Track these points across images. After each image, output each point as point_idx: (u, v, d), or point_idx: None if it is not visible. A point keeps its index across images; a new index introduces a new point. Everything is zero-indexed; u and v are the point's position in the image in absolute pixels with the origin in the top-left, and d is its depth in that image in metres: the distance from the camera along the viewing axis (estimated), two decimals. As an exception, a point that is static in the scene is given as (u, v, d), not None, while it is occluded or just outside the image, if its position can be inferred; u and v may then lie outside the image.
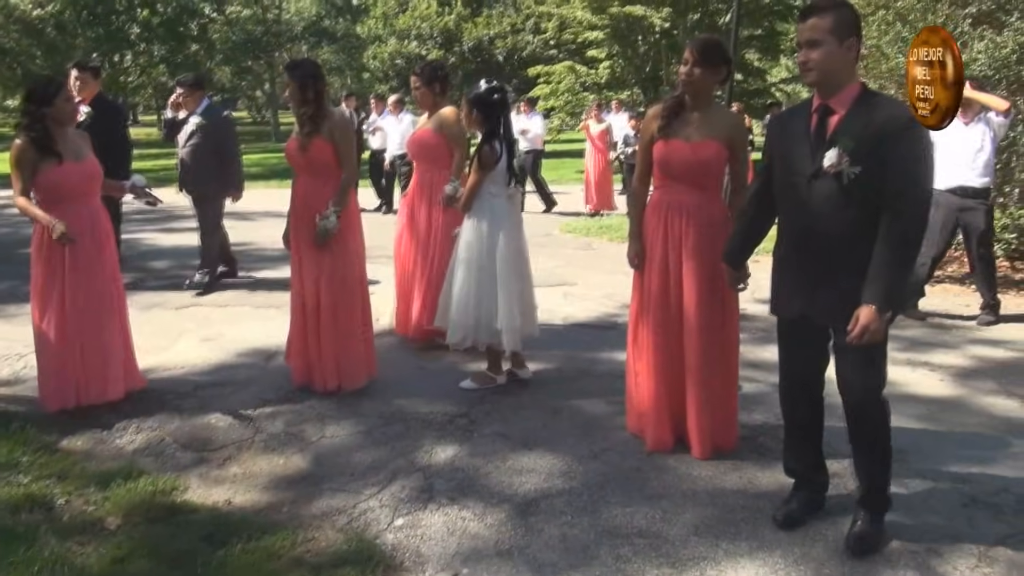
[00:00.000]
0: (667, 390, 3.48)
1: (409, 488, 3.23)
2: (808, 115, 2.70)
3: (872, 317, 2.52)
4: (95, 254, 3.92)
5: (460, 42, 25.44)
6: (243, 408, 4.06)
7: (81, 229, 3.83)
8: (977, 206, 5.59)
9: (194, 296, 6.33)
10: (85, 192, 3.92)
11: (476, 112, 4.08)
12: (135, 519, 2.99)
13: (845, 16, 2.56)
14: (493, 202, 4.11)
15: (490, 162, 4.03)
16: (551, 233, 9.75)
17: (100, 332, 3.95)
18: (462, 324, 4.10)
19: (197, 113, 6.27)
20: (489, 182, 4.08)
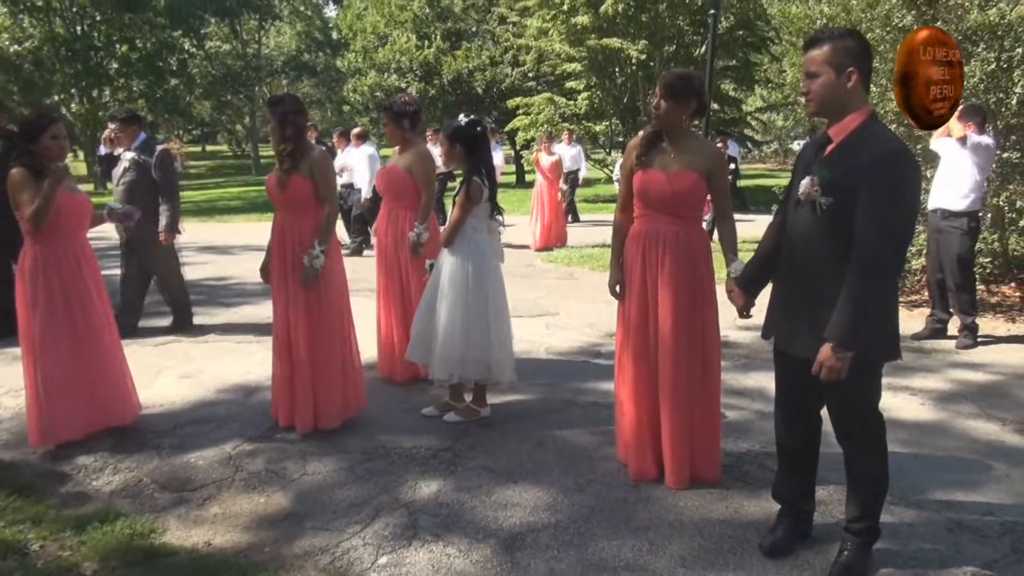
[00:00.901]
0: (648, 419, 3.48)
1: (393, 525, 3.18)
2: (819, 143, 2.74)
3: (827, 354, 2.53)
4: (89, 284, 3.99)
5: (440, 75, 25.60)
6: (223, 446, 3.99)
7: (75, 259, 3.94)
8: (950, 229, 5.68)
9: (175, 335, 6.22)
10: (78, 224, 4.03)
11: (459, 147, 4.09)
12: (112, 563, 2.92)
13: (843, 46, 2.56)
14: (476, 236, 4.13)
15: (478, 196, 4.05)
16: (533, 264, 9.78)
17: (101, 361, 4.03)
18: (448, 359, 4.09)
19: (131, 148, 5.95)
20: (471, 216, 4.10)
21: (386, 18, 27.70)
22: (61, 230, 3.91)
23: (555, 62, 20.25)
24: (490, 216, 4.19)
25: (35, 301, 3.84)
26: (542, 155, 11.72)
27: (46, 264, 3.86)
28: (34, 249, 3.88)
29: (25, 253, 3.90)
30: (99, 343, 4.01)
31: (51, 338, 3.85)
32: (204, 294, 7.89)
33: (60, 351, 3.87)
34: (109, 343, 4.08)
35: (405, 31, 26.70)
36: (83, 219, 4.05)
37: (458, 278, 4.08)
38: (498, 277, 4.21)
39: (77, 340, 3.92)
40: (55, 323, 3.86)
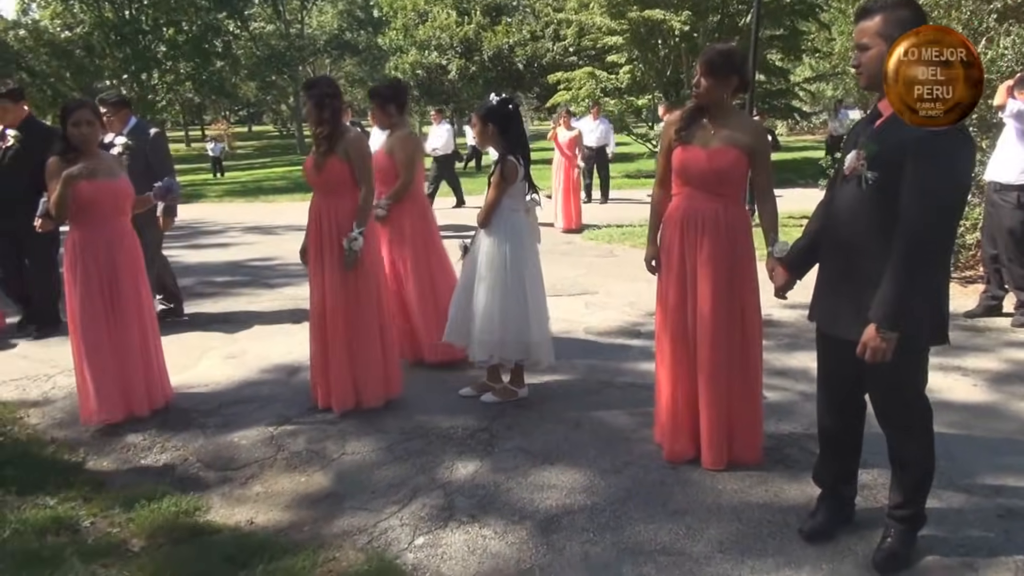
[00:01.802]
0: (686, 399, 3.44)
1: (430, 506, 3.21)
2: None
3: (871, 335, 2.45)
4: (127, 270, 4.05)
5: (480, 51, 25.52)
6: (266, 426, 4.07)
7: (109, 245, 3.99)
8: (1002, 202, 5.48)
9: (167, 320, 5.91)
10: (117, 209, 4.06)
11: (492, 126, 4.07)
12: (159, 540, 3.01)
13: (896, 17, 2.45)
14: (512, 217, 4.09)
15: (513, 176, 4.01)
16: (572, 241, 9.72)
17: (138, 344, 4.09)
18: (487, 342, 4.09)
19: (123, 133, 5.66)
20: (507, 196, 4.06)
21: (426, -6, 27.63)
22: (96, 217, 3.97)
23: (596, 35, 19.99)
24: (526, 195, 4.15)
25: (74, 285, 3.95)
26: (560, 130, 11.13)
27: (83, 249, 3.95)
28: (72, 234, 3.99)
29: (67, 237, 4.02)
30: (130, 328, 4.05)
31: (87, 321, 3.95)
32: (249, 275, 8.04)
33: (97, 334, 3.96)
34: (141, 329, 4.11)
35: (445, 7, 26.61)
36: (121, 204, 4.10)
37: (495, 259, 4.06)
38: (535, 258, 4.18)
39: (111, 324, 3.99)
40: (91, 307, 3.95)
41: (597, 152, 13.58)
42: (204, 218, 13.24)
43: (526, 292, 4.06)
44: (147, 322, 4.18)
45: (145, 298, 4.19)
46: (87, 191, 3.90)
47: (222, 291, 7.33)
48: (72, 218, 3.98)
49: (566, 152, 10.87)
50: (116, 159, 4.18)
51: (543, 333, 4.16)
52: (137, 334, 4.09)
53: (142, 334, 4.13)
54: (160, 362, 4.32)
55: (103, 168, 4.00)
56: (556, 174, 10.91)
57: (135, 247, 4.15)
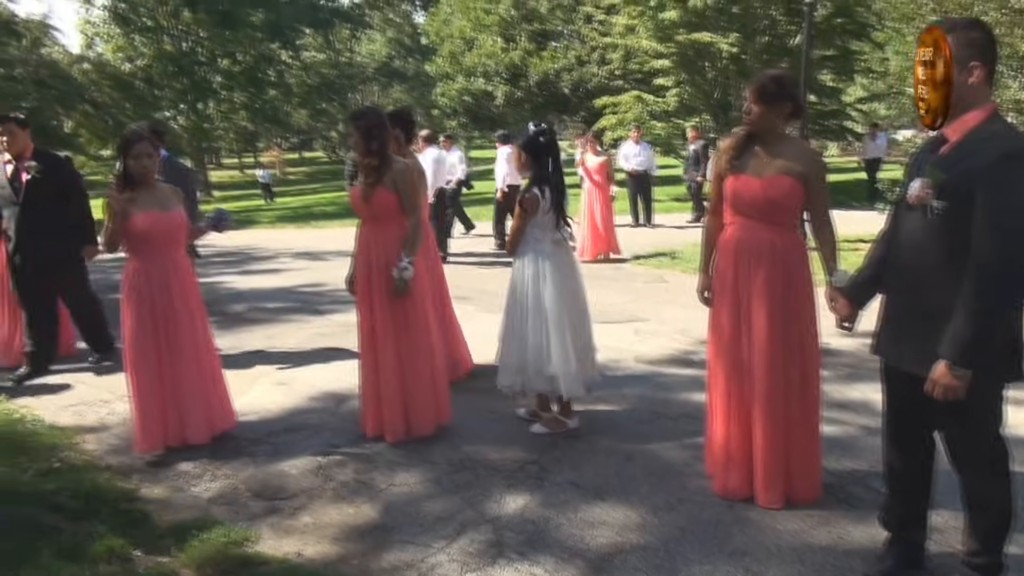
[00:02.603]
0: (740, 432, 3.32)
1: (478, 541, 3.15)
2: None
3: (942, 373, 2.33)
4: (181, 299, 4.10)
5: (526, 76, 25.70)
6: (314, 455, 4.07)
7: (163, 276, 4.05)
8: None
9: None
10: (171, 240, 4.13)
11: (525, 155, 4.07)
12: (208, 572, 3.00)
13: (968, 38, 2.35)
14: (538, 247, 4.08)
15: (532, 208, 3.99)
16: (621, 266, 9.61)
17: (193, 374, 4.13)
18: (507, 366, 4.13)
19: None
20: (533, 226, 4.05)
21: (473, 22, 27.99)
22: (150, 247, 4.05)
23: (643, 59, 19.97)
24: (556, 227, 4.10)
25: (129, 314, 4.03)
26: (588, 156, 10.49)
27: (136, 279, 4.04)
28: (129, 264, 4.09)
29: (124, 267, 4.10)
30: (184, 358, 4.10)
31: (139, 350, 4.02)
32: (298, 301, 8.13)
33: (148, 363, 4.03)
34: (196, 358, 4.16)
35: (491, 34, 26.91)
36: (175, 236, 4.16)
37: (517, 287, 4.10)
38: (568, 287, 4.10)
39: (164, 354, 4.05)
40: (144, 336, 4.02)
41: (639, 176, 13.49)
42: (255, 244, 13.50)
43: (544, 322, 4.01)
44: (203, 352, 4.22)
45: (200, 328, 4.24)
46: (141, 222, 3.98)
47: (272, 317, 7.42)
48: (128, 248, 4.07)
49: (594, 179, 10.34)
50: (173, 191, 4.25)
51: (568, 366, 4.01)
52: (192, 364, 4.13)
53: (197, 364, 4.17)
54: (220, 391, 4.36)
55: (158, 199, 4.08)
56: (585, 202, 10.32)
57: (190, 277, 4.22)
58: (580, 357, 4.09)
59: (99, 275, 9.91)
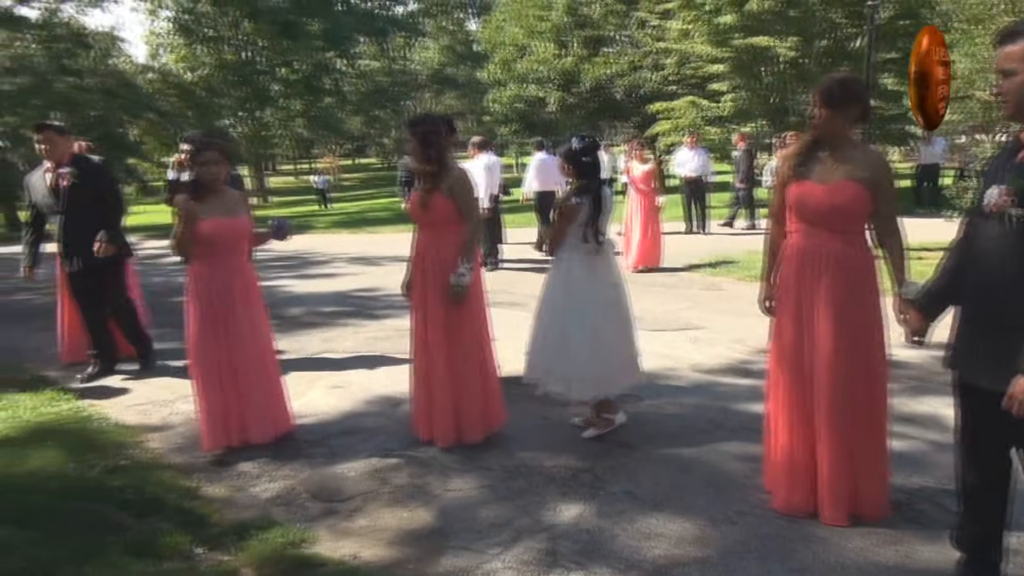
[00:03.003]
0: (802, 446, 3.23)
1: (534, 550, 3.12)
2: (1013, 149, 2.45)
3: (1021, 388, 2.23)
4: (243, 304, 4.19)
5: (579, 82, 25.60)
6: (370, 458, 4.10)
7: (224, 281, 4.14)
8: None
9: None
10: (233, 246, 4.22)
11: (571, 167, 4.16)
12: (267, 572, 3.04)
13: None
14: (574, 252, 4.14)
15: (571, 216, 4.09)
16: (677, 274, 9.49)
17: (254, 377, 4.22)
18: (533, 365, 4.25)
19: None
20: (572, 232, 4.12)
21: (526, 29, 28.03)
22: (212, 253, 4.13)
23: (698, 64, 19.73)
24: (595, 235, 4.13)
25: (193, 316, 4.15)
26: (634, 164, 10.23)
27: (199, 282, 4.14)
28: (192, 268, 4.19)
29: (189, 270, 4.21)
30: (245, 360, 4.18)
31: (202, 352, 4.14)
32: (354, 305, 8.25)
33: (211, 365, 4.14)
34: (258, 361, 4.24)
35: (544, 41, 26.90)
36: (237, 243, 4.24)
37: (547, 288, 4.24)
38: (591, 295, 4.12)
39: (224, 356, 4.15)
40: (205, 338, 4.13)
41: (694, 182, 13.33)
42: (312, 249, 13.75)
43: (565, 325, 4.09)
44: (264, 355, 4.30)
45: (262, 331, 4.32)
46: (205, 228, 4.08)
47: (329, 321, 7.53)
48: (197, 255, 4.18)
49: (640, 187, 10.07)
50: (242, 198, 4.35)
51: (581, 369, 4.05)
52: (253, 366, 4.21)
53: (259, 366, 4.25)
54: (279, 393, 4.43)
55: (225, 206, 4.17)
56: (630, 211, 10.09)
57: (252, 282, 4.31)
58: (605, 363, 4.11)
59: (160, 278, 10.26)
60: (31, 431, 4.54)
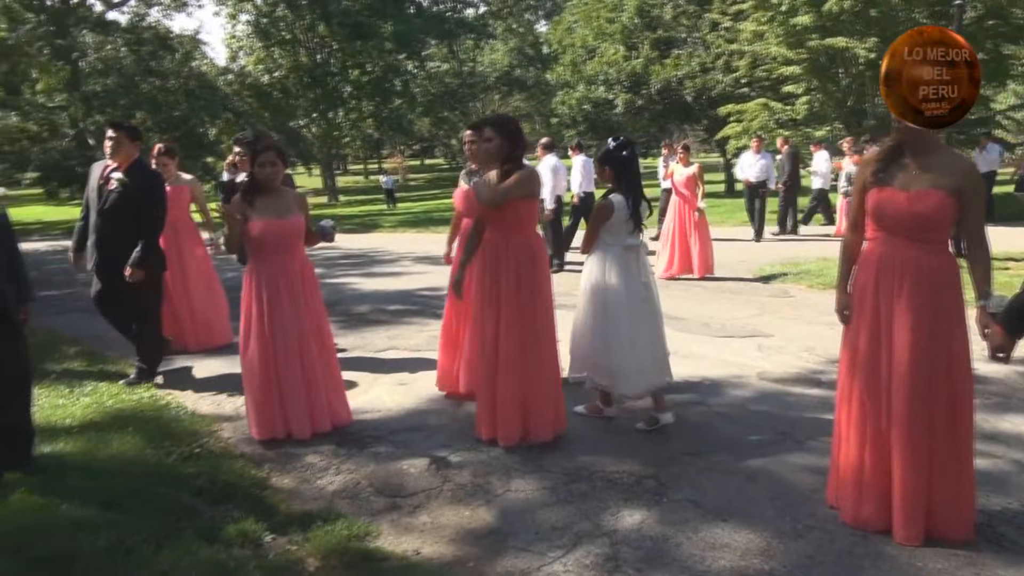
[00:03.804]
0: (875, 460, 3.13)
1: (594, 554, 3.10)
2: None
3: None
4: (296, 301, 4.32)
5: (648, 84, 25.36)
6: (433, 455, 4.15)
7: (281, 277, 4.30)
8: None
9: None
10: (285, 246, 4.34)
11: (608, 169, 4.35)
12: (332, 563, 3.11)
13: None
14: (609, 251, 4.34)
15: (605, 215, 4.29)
16: (744, 278, 9.30)
17: (301, 372, 4.33)
18: (576, 359, 4.44)
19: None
20: (605, 231, 4.33)
21: (595, 31, 27.94)
22: (263, 252, 4.30)
23: (771, 66, 19.31)
24: (629, 235, 4.34)
25: (243, 312, 4.35)
26: (677, 167, 9.77)
27: (251, 280, 4.32)
28: (249, 265, 4.38)
29: (246, 268, 4.40)
30: (290, 356, 4.30)
31: (250, 347, 4.31)
32: (419, 304, 8.35)
33: (253, 359, 4.31)
34: (305, 357, 4.33)
35: (614, 43, 26.76)
36: (289, 242, 4.35)
37: (586, 285, 4.40)
38: (625, 292, 4.29)
39: (270, 351, 4.28)
40: (252, 333, 4.31)
41: (756, 187, 13.03)
42: (378, 247, 13.98)
43: (609, 320, 4.27)
44: (313, 351, 4.38)
45: (310, 328, 4.38)
46: (256, 228, 4.23)
47: (394, 319, 7.64)
48: (249, 251, 4.37)
49: (681, 191, 9.59)
50: (298, 199, 4.46)
51: (628, 365, 4.25)
52: (299, 362, 4.32)
53: (306, 362, 4.34)
54: (330, 388, 4.50)
55: (278, 206, 4.29)
56: (673, 216, 9.62)
57: (304, 280, 4.39)
58: (641, 358, 4.28)
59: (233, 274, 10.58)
60: (113, 417, 4.74)
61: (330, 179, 37.24)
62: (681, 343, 6.18)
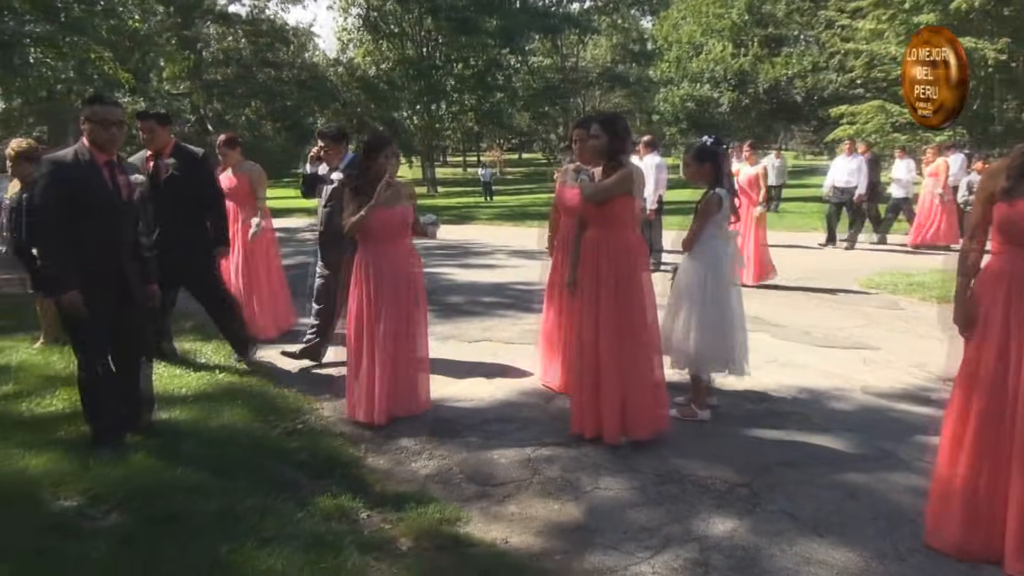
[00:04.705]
0: (988, 489, 2.95)
1: (683, 558, 3.07)
2: None
3: None
4: (399, 288, 4.49)
5: (755, 83, 24.68)
6: (524, 448, 4.19)
7: (386, 265, 4.48)
8: None
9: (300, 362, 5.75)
10: (390, 234, 4.55)
11: (708, 164, 4.49)
12: (424, 544, 3.20)
13: None
14: (713, 243, 4.48)
15: (714, 209, 4.41)
16: (849, 288, 8.94)
17: (391, 358, 4.48)
18: (683, 352, 4.49)
19: (339, 168, 5.52)
20: (711, 224, 4.45)
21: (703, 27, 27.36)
22: (369, 240, 4.53)
23: (889, 66, 18.41)
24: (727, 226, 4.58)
25: (351, 296, 4.57)
26: (743, 166, 9.35)
27: (358, 266, 4.55)
28: (357, 253, 4.60)
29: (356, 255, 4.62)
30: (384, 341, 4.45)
31: (355, 331, 4.53)
32: (513, 297, 8.43)
33: (360, 343, 4.51)
34: (397, 343, 4.48)
35: (721, 39, 26.14)
36: (394, 231, 4.55)
37: (694, 280, 4.47)
38: (721, 284, 4.49)
39: (368, 335, 4.48)
40: (358, 318, 4.51)
41: (843, 193, 12.42)
42: (474, 239, 14.17)
43: (723, 310, 4.44)
44: (401, 339, 4.51)
45: (405, 316, 4.52)
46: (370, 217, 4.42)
47: (488, 311, 7.75)
48: (360, 242, 4.57)
49: (746, 192, 9.05)
50: (406, 189, 4.63)
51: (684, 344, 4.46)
52: (391, 348, 4.46)
53: (397, 349, 4.48)
54: (414, 376, 4.62)
55: (388, 196, 4.46)
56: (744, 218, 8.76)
57: (407, 268, 4.55)
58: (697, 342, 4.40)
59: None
60: (223, 390, 5.01)
61: (430, 170, 37.97)
62: (781, 351, 6.01)
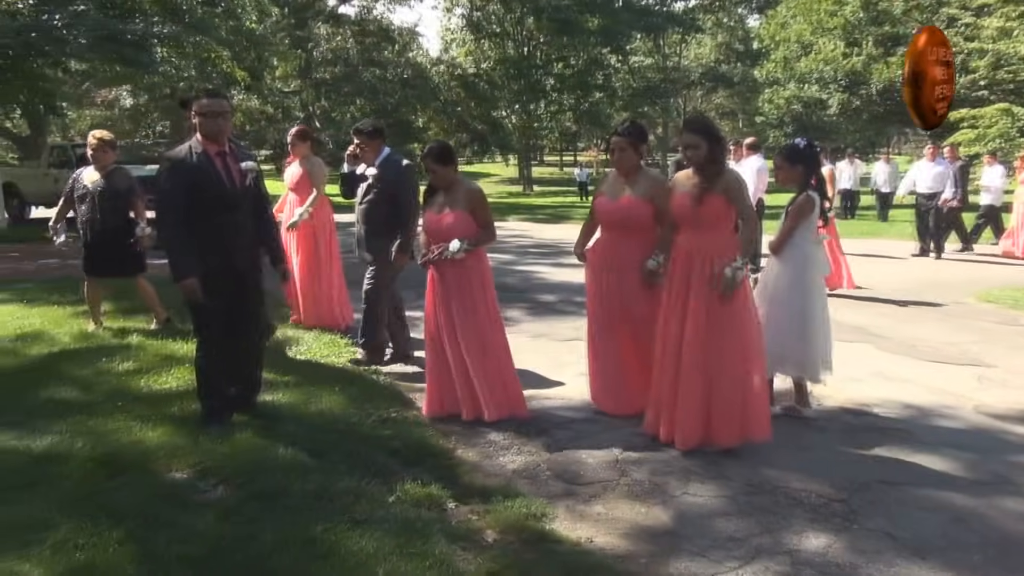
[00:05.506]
0: None
1: (773, 571, 2.99)
2: None
3: None
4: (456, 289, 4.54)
5: (867, 84, 23.57)
6: (611, 449, 4.18)
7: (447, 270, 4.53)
8: None
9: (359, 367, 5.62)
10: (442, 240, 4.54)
11: (800, 167, 4.56)
12: (509, 537, 3.24)
13: None
14: (804, 246, 4.53)
15: (808, 210, 4.49)
16: (963, 301, 8.44)
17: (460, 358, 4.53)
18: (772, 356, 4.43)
19: (374, 164, 5.46)
20: (802, 228, 4.51)
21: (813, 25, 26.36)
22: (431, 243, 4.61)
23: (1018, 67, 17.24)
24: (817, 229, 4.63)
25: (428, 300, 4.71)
26: None
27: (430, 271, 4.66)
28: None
29: None
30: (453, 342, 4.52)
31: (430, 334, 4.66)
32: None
33: (428, 344, 4.69)
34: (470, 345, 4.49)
35: (833, 38, 25.11)
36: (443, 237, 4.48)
37: (781, 282, 4.51)
38: (819, 282, 4.60)
39: (442, 336, 4.57)
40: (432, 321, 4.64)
41: (929, 198, 11.69)
42: (568, 238, 14.12)
43: (805, 314, 4.46)
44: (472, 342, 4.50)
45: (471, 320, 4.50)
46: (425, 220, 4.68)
47: (580, 310, 7.65)
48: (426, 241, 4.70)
49: None
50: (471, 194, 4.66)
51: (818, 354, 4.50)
52: (463, 349, 4.50)
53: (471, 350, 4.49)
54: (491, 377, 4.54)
55: (444, 201, 4.60)
56: None
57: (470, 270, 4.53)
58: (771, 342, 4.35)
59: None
60: (323, 376, 5.22)
61: (526, 169, 38.18)
62: (884, 364, 5.76)
